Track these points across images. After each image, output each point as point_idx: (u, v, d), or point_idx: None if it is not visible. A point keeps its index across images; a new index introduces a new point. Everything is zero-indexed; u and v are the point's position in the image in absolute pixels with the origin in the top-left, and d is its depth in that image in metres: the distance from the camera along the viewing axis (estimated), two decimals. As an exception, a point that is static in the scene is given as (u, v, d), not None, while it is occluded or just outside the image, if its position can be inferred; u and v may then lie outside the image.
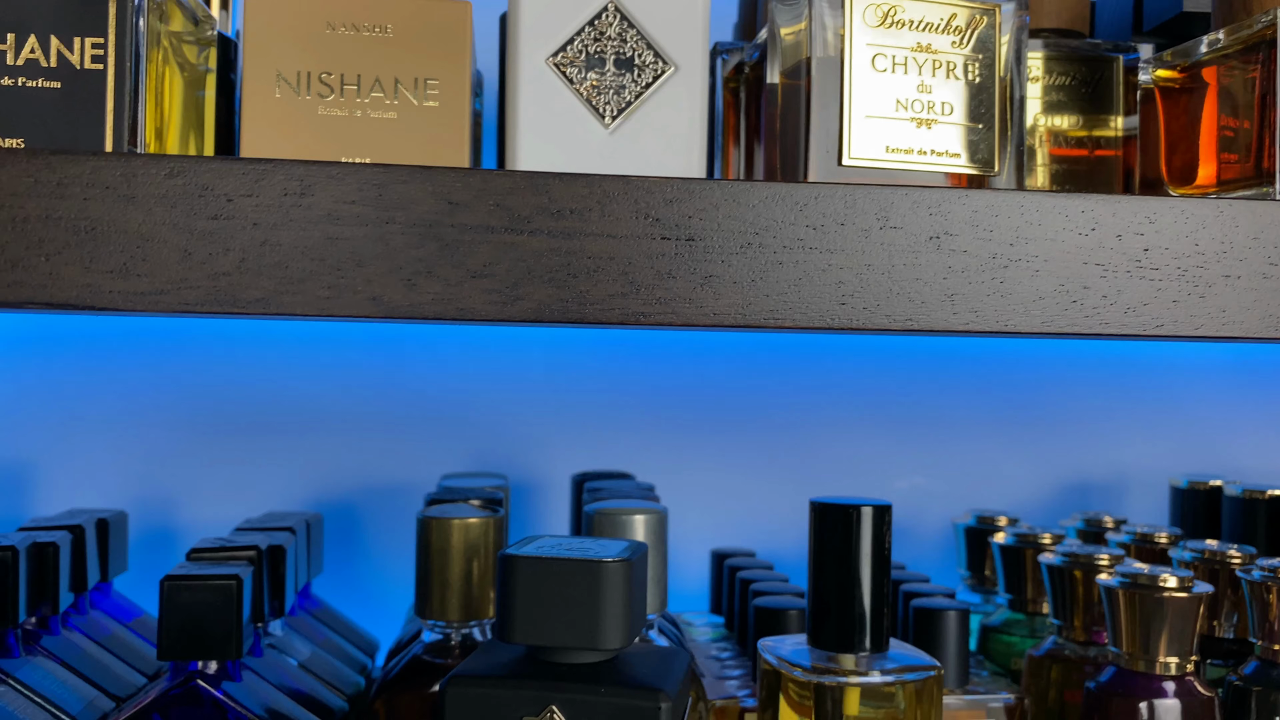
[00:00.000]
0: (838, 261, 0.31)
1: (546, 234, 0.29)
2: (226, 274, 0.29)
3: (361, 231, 0.29)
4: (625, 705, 0.39)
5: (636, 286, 0.30)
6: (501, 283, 0.29)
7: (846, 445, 0.79)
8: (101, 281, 0.28)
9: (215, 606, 0.47)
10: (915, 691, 0.44)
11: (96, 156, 0.28)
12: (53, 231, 0.28)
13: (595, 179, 0.30)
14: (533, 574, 0.40)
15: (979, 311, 0.31)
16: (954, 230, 0.31)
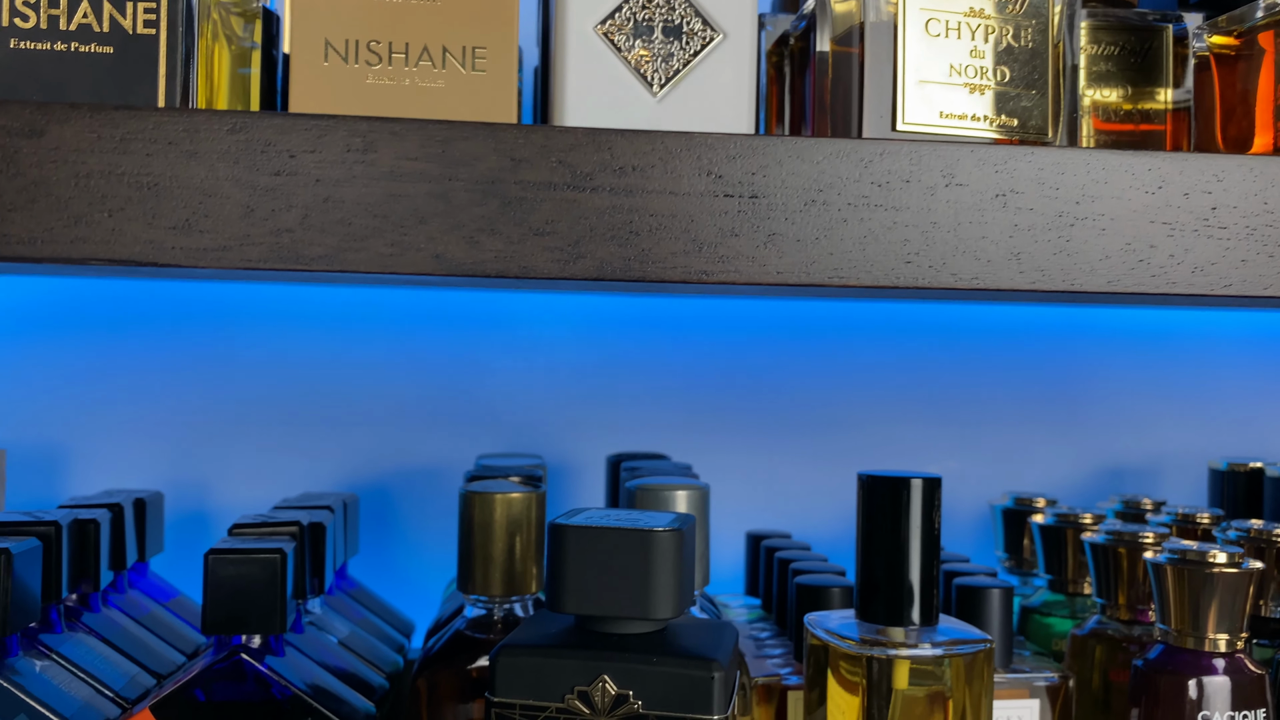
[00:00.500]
0: (903, 219, 0.30)
1: (609, 191, 0.29)
2: (289, 230, 0.28)
3: (424, 188, 0.29)
4: (678, 674, 0.39)
5: (699, 244, 0.30)
6: (563, 240, 0.29)
7: (879, 428, 0.79)
8: (164, 238, 0.28)
9: (259, 580, 0.47)
10: (965, 665, 0.44)
11: (159, 112, 0.28)
12: (115, 187, 0.28)
13: (657, 135, 0.29)
14: (583, 543, 0.40)
15: (1045, 270, 0.31)
16: (1020, 188, 0.31)
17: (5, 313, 0.73)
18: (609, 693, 0.39)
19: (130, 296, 0.73)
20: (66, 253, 0.28)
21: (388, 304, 0.75)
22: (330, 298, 0.75)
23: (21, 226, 0.28)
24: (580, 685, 0.39)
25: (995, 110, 0.41)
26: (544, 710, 0.39)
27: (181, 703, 0.46)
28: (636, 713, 0.39)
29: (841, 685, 0.45)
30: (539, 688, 0.39)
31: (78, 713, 0.47)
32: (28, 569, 0.48)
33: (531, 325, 0.76)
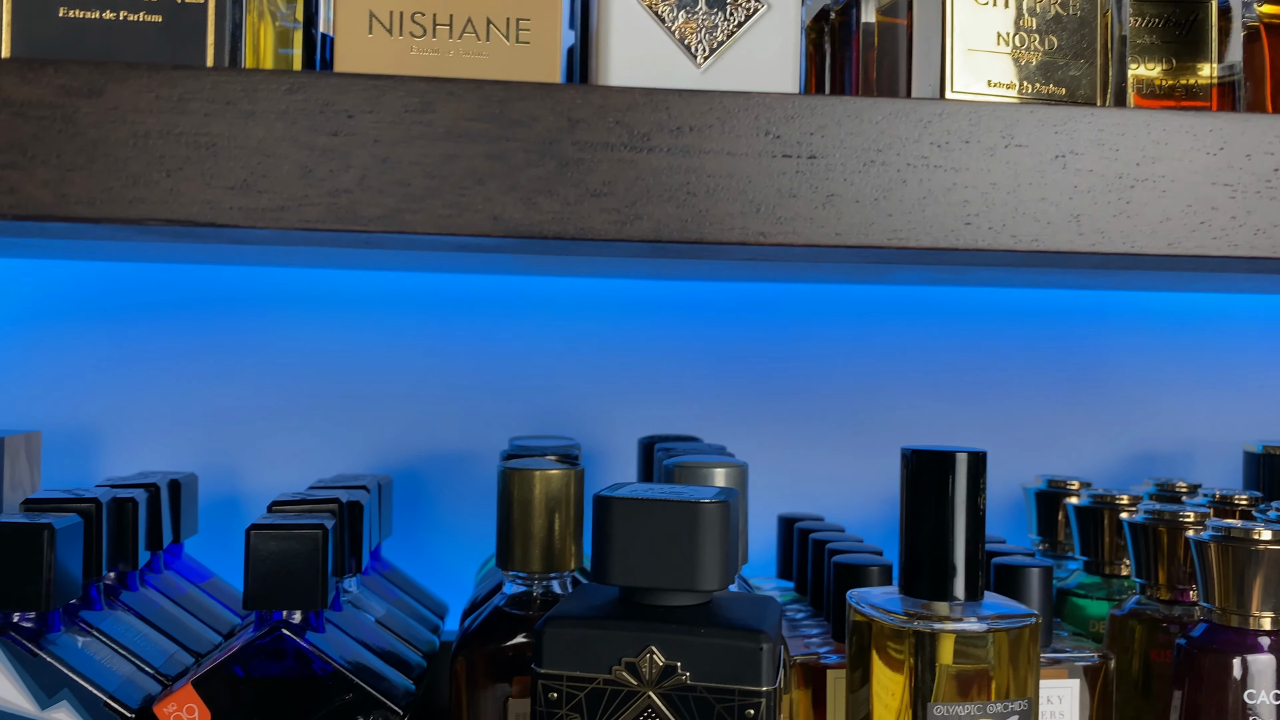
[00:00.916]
0: (962, 180, 0.30)
1: (666, 151, 0.29)
2: (347, 191, 0.28)
3: (481, 149, 0.28)
4: (726, 646, 0.39)
5: (757, 205, 0.29)
6: (620, 201, 0.29)
7: (909, 413, 0.79)
8: (222, 198, 0.28)
9: (301, 556, 0.47)
10: (1011, 640, 0.43)
11: (217, 71, 0.28)
12: (173, 147, 0.28)
13: (715, 95, 0.29)
14: (629, 515, 0.40)
15: (1105, 232, 0.31)
16: (1080, 149, 0.30)
17: (41, 297, 0.73)
18: (656, 664, 0.39)
19: (164, 282, 0.73)
20: (125, 213, 0.28)
21: (418, 289, 0.75)
22: (362, 283, 0.75)
23: (81, 187, 0.28)
24: (628, 656, 0.39)
25: (1043, 79, 0.41)
26: (591, 682, 0.39)
27: (223, 678, 0.47)
28: (684, 684, 0.39)
29: (885, 663, 0.45)
30: (586, 659, 0.39)
31: (120, 688, 0.47)
32: (69, 545, 0.48)
33: (560, 310, 0.76)
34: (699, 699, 0.38)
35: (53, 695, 0.46)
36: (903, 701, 0.43)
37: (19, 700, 0.46)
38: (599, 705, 0.39)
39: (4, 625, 0.46)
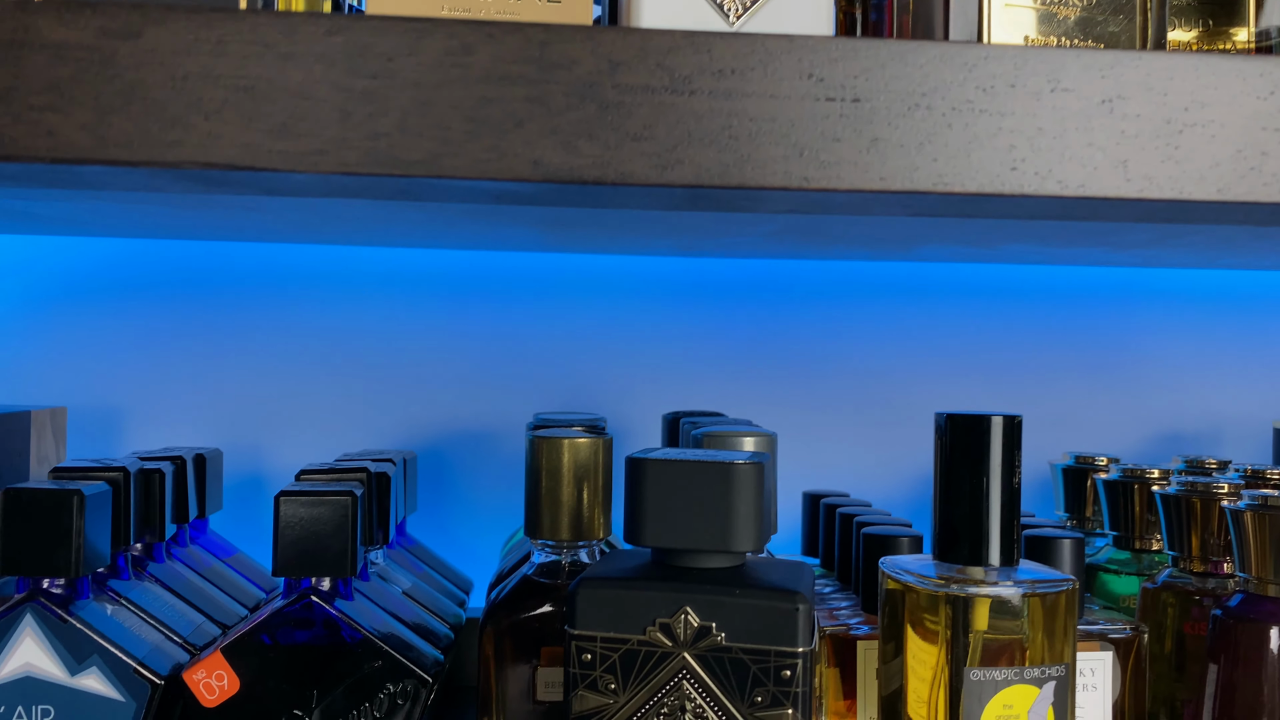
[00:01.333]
0: (1008, 125, 0.30)
1: (707, 94, 0.29)
2: (386, 134, 0.28)
3: (521, 92, 0.28)
4: (762, 606, 0.38)
5: (800, 149, 0.29)
6: (661, 145, 0.29)
7: (934, 391, 0.78)
8: (261, 140, 0.28)
9: (331, 522, 0.47)
10: (1048, 605, 0.43)
11: (256, 14, 0.27)
12: (212, 90, 0.28)
13: (758, 38, 0.29)
14: (663, 476, 0.40)
15: (1152, 178, 0.30)
16: (1127, 94, 0.30)
17: (67, 275, 0.73)
18: (691, 624, 0.38)
19: (189, 260, 0.73)
20: (163, 156, 0.28)
21: (441, 268, 0.75)
22: (385, 262, 0.75)
23: (119, 130, 0.27)
24: (662, 617, 0.39)
25: (1081, 34, 0.41)
26: (625, 643, 0.39)
27: (252, 646, 0.46)
28: (719, 645, 0.38)
29: (919, 631, 0.45)
30: (619, 620, 0.39)
31: (148, 655, 0.47)
32: (98, 513, 0.48)
33: (582, 289, 0.76)
34: (734, 660, 0.38)
35: (82, 661, 0.46)
36: (938, 668, 0.43)
37: (49, 666, 0.46)
38: (633, 666, 0.39)
39: (34, 592, 0.46)
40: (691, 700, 0.38)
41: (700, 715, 0.38)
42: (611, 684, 0.39)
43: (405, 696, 0.47)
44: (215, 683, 0.46)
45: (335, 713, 0.46)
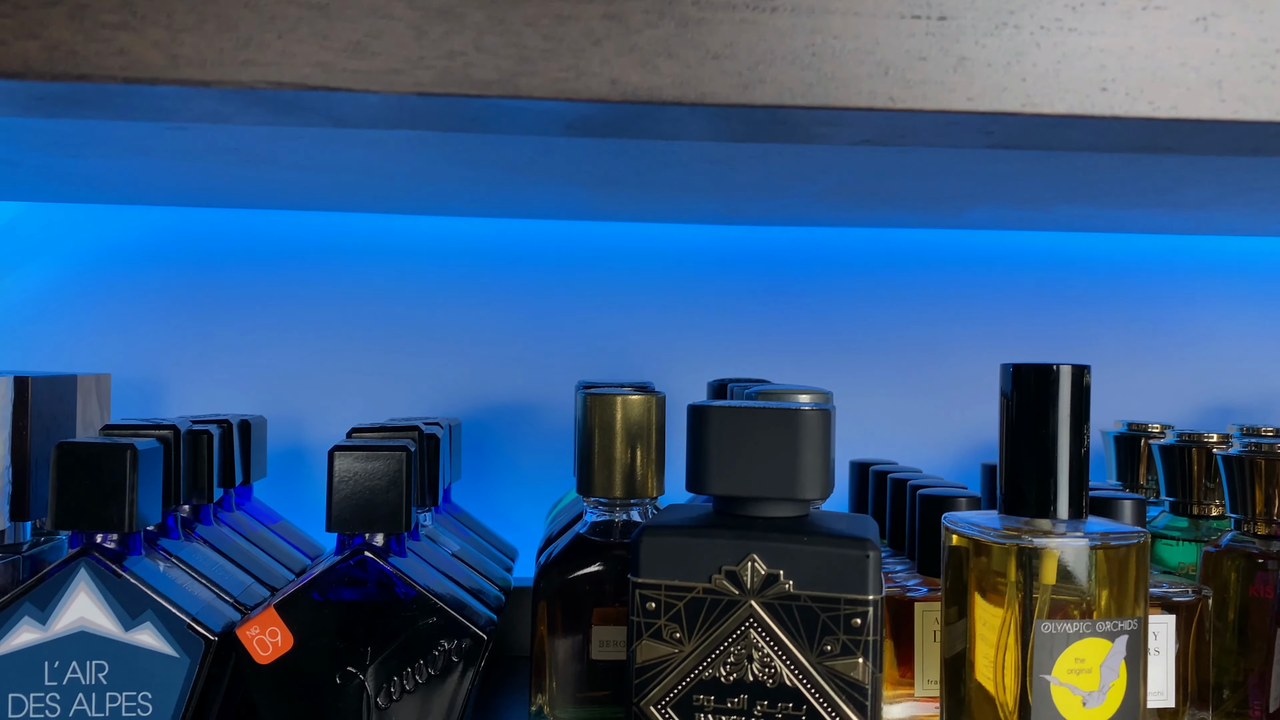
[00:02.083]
0: (1098, 44, 0.29)
1: (789, 11, 0.28)
2: (462, 53, 0.27)
3: (598, 9, 0.27)
4: (831, 554, 0.37)
5: (885, 68, 0.28)
6: (742, 64, 0.28)
7: (980, 361, 0.77)
8: (334, 60, 0.27)
9: (385, 477, 0.47)
10: (1119, 558, 0.42)
11: (329, -71, 0.27)
12: (285, 8, 0.27)
13: (842, -47, 0.28)
14: (729, 423, 0.39)
15: (1248, 99, 0.29)
16: (1222, 11, 0.29)
17: (111, 244, 0.73)
18: (759, 572, 0.38)
19: (232, 230, 0.73)
20: (236, 76, 0.27)
21: (483, 240, 0.75)
22: (427, 234, 0.74)
23: (191, 48, 0.27)
24: (728, 565, 0.38)
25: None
26: (690, 591, 0.38)
27: (305, 602, 0.46)
28: (787, 592, 0.38)
29: (984, 587, 0.44)
30: (684, 568, 0.38)
31: (201, 611, 0.47)
32: (150, 468, 0.47)
33: (624, 260, 0.75)
34: (803, 608, 0.37)
35: (136, 617, 0.45)
36: (1005, 624, 0.42)
37: (103, 621, 0.45)
38: (698, 614, 0.38)
39: (87, 547, 0.46)
40: (759, 649, 0.38)
41: (767, 664, 0.38)
42: (676, 633, 0.38)
43: (460, 654, 0.46)
44: (269, 639, 0.46)
45: (389, 669, 0.46)
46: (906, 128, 0.30)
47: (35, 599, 0.45)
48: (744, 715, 0.38)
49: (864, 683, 0.37)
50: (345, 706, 0.45)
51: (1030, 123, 0.29)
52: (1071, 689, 0.41)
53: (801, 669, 0.37)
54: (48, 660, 0.45)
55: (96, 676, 0.45)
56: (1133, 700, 0.41)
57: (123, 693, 0.45)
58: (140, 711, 0.45)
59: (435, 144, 0.45)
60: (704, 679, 0.38)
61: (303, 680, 0.45)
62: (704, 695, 0.38)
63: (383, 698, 0.46)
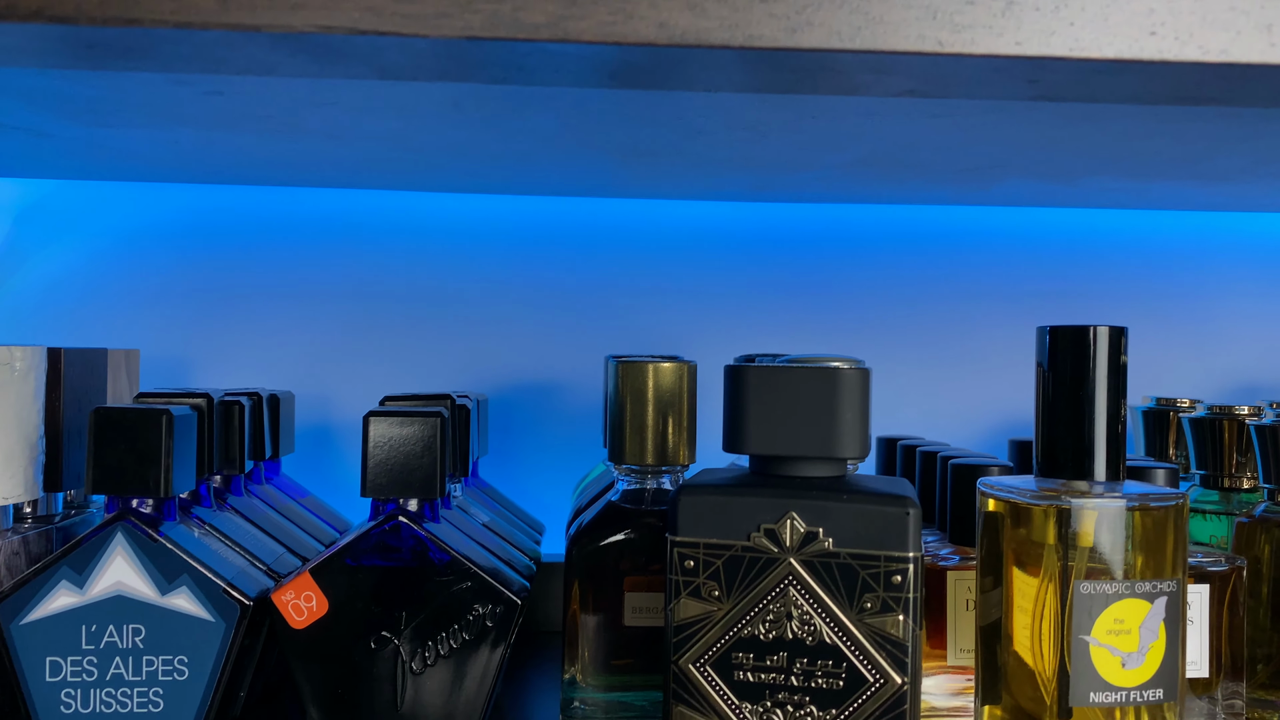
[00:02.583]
0: (1147, -13, 0.29)
1: (838, -45, 0.28)
2: (509, -4, 0.27)
3: (645, -48, 0.27)
4: (871, 511, 0.37)
5: (933, 12, 0.28)
6: (790, 7, 0.28)
7: (1006, 340, 0.77)
8: (383, 4, 0.27)
9: (419, 442, 0.47)
10: (1158, 520, 0.42)
11: (379, -127, 0.27)
12: (333, -47, 0.27)
13: (889, -104, 0.28)
14: (766, 382, 0.39)
15: (1298, 43, 0.29)
16: (1271, -47, 0.29)
17: (142, 224, 0.73)
18: (798, 530, 0.38)
19: (259, 209, 0.73)
20: (286, 20, 0.27)
21: (508, 220, 0.75)
22: (453, 214, 0.74)
23: (242, -9, 0.27)
24: (767, 523, 0.38)
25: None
26: (729, 549, 0.38)
27: (340, 567, 0.46)
28: (827, 550, 0.37)
29: (1021, 553, 0.44)
30: (723, 526, 0.38)
31: (236, 577, 0.47)
32: (185, 435, 0.48)
33: (650, 239, 0.75)
34: (843, 565, 0.37)
35: (172, 581, 0.46)
36: (1042, 587, 0.42)
37: (140, 586, 0.46)
38: (737, 572, 0.38)
39: (124, 511, 0.46)
40: (798, 606, 0.38)
41: (807, 621, 0.37)
42: (715, 591, 0.38)
43: (494, 618, 0.46)
44: (304, 604, 0.46)
45: (424, 634, 0.46)
46: (951, 76, 0.30)
47: (73, 563, 0.46)
48: (783, 673, 0.38)
49: (904, 640, 0.37)
50: (379, 671, 0.46)
51: (1077, 69, 0.29)
52: (1111, 650, 0.41)
53: (841, 626, 0.37)
54: (85, 624, 0.45)
55: (133, 640, 0.45)
56: (1172, 662, 0.41)
57: (159, 656, 0.46)
58: (176, 675, 0.46)
59: (470, 108, 0.45)
60: (743, 637, 0.38)
61: (337, 645, 0.46)
62: (743, 653, 0.38)
63: (417, 662, 0.46)
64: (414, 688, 0.46)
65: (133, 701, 0.46)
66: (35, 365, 0.53)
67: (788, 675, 0.38)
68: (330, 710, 0.46)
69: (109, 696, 0.45)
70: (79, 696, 0.45)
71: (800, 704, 0.37)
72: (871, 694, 0.37)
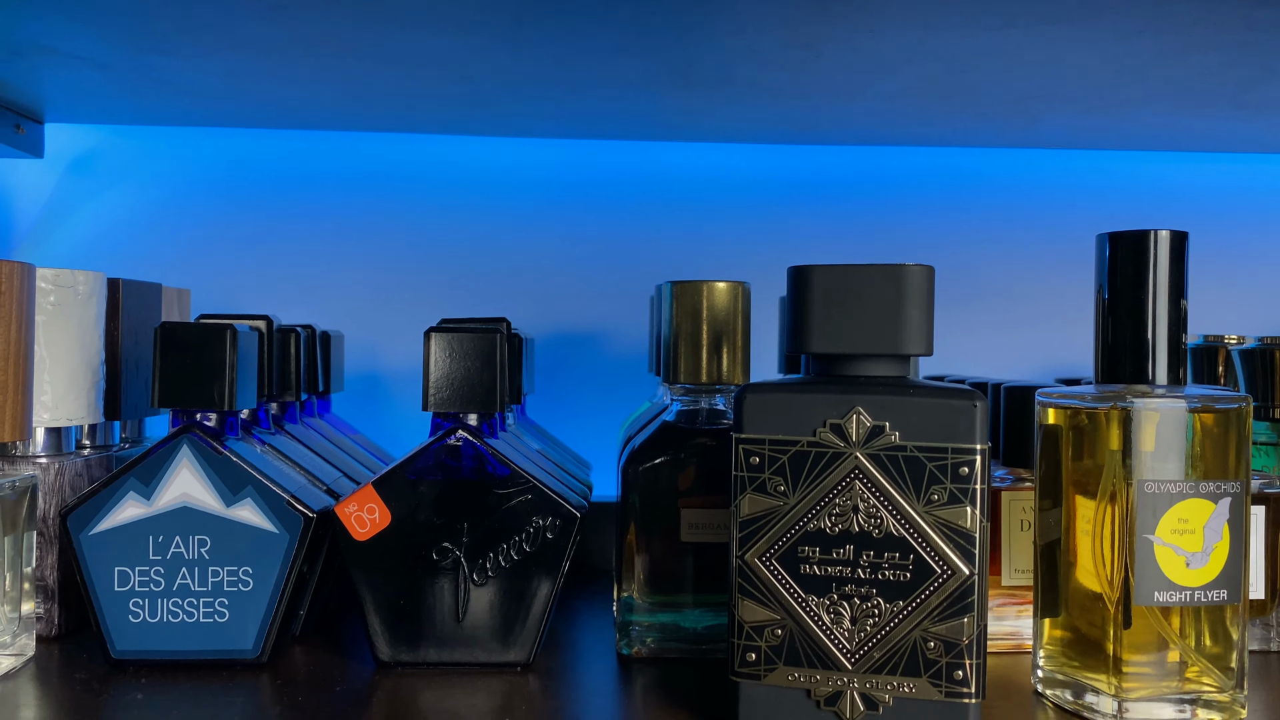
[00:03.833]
0: None
1: None
2: None
3: None
4: (938, 404, 0.37)
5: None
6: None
7: (1048, 284, 0.77)
8: None
9: (479, 357, 0.47)
10: (1221, 421, 0.42)
11: None
12: None
13: None
14: (832, 281, 0.39)
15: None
16: None
17: (194, 172, 0.74)
18: (864, 424, 0.38)
19: (308, 156, 0.74)
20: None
21: (552, 164, 0.75)
22: (499, 158, 0.75)
23: None
24: (833, 418, 0.38)
25: None
26: (794, 444, 0.38)
27: (402, 480, 0.46)
28: (893, 444, 0.38)
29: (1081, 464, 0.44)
30: (788, 423, 0.38)
31: (299, 490, 0.48)
32: (247, 353, 0.48)
33: (692, 187, 0.75)
34: (909, 458, 0.37)
35: (237, 493, 0.46)
36: (1105, 489, 0.42)
37: (205, 497, 0.46)
38: (803, 468, 0.38)
39: (189, 425, 0.47)
40: (864, 500, 0.38)
41: (873, 515, 0.38)
42: (780, 486, 0.38)
43: (554, 530, 0.46)
44: (367, 515, 0.46)
45: (484, 546, 0.46)
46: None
47: (140, 475, 0.46)
48: (849, 565, 0.38)
49: (971, 530, 0.37)
50: (441, 583, 0.46)
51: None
52: (1175, 549, 0.41)
53: (908, 519, 0.37)
54: (152, 535, 0.46)
55: (199, 551, 0.46)
56: (1235, 563, 0.41)
57: (224, 567, 0.46)
58: (241, 586, 0.46)
59: (529, 22, 0.45)
60: (809, 530, 0.38)
61: (399, 557, 0.46)
62: (809, 547, 0.38)
63: (478, 574, 0.46)
64: (474, 600, 0.46)
65: (199, 611, 0.46)
66: (97, 291, 0.53)
67: (854, 568, 0.38)
68: (392, 621, 0.46)
69: (175, 606, 0.46)
70: (146, 606, 0.46)
71: (867, 596, 0.38)
72: (939, 585, 0.37)
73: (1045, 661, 0.45)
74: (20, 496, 0.46)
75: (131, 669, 0.46)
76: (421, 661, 0.46)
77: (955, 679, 0.37)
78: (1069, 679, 0.43)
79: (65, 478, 0.51)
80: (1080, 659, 0.43)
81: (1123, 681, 0.41)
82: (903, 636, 0.37)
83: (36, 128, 0.69)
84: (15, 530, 0.46)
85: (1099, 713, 0.42)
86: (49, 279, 0.51)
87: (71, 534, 0.46)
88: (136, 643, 0.46)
